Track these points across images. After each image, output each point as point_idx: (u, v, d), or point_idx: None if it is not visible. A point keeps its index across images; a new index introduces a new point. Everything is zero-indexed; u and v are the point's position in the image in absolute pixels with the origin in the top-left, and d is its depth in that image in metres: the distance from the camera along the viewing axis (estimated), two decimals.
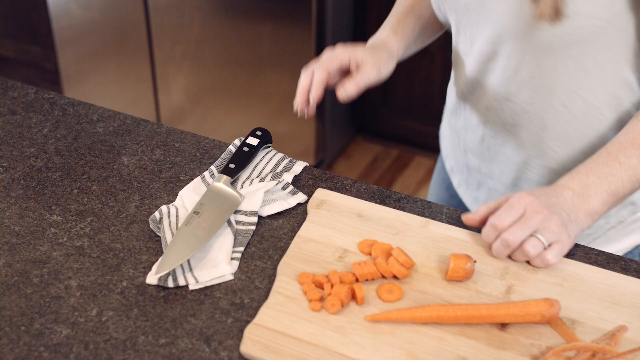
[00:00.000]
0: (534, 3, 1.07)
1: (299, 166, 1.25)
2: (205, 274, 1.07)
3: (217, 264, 1.08)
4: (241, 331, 1.00)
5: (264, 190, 1.18)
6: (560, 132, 1.20)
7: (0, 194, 1.20)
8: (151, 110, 3.05)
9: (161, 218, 1.14)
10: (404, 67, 2.75)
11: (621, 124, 1.17)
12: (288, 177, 1.22)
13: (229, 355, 0.97)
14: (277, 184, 1.20)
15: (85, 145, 1.30)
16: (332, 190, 1.22)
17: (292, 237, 1.13)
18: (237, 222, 1.14)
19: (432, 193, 1.59)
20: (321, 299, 1.02)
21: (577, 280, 1.06)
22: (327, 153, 2.98)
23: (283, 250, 1.11)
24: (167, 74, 2.94)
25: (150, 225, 1.14)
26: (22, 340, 0.99)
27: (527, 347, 0.98)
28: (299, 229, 1.14)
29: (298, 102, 1.24)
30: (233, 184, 1.21)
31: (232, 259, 1.09)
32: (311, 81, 1.24)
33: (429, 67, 2.82)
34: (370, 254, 1.10)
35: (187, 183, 1.23)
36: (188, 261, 1.08)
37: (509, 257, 1.09)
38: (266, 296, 1.05)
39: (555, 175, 1.24)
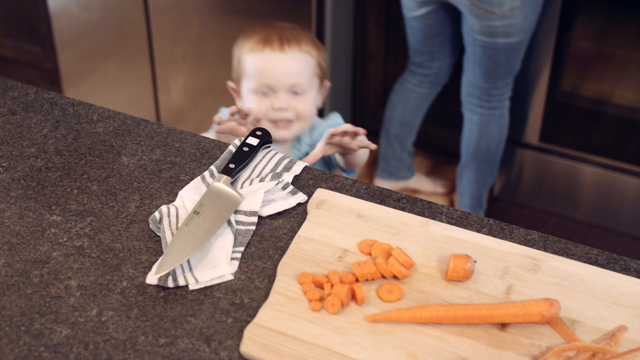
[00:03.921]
0: None
1: (299, 166, 1.25)
2: (205, 274, 1.07)
3: (217, 264, 1.08)
4: (241, 331, 1.00)
5: (264, 190, 1.18)
6: None
7: (0, 194, 1.20)
8: (151, 110, 3.05)
9: (161, 218, 1.14)
10: (403, 69, 2.75)
11: None
12: (288, 177, 1.22)
13: (229, 355, 0.97)
14: (277, 184, 1.20)
15: (85, 145, 1.30)
16: (332, 190, 1.22)
17: (292, 237, 1.13)
18: (237, 222, 1.14)
19: None
20: (321, 299, 1.02)
21: (577, 280, 1.06)
22: None
23: (283, 250, 1.11)
24: (167, 74, 2.94)
25: (150, 225, 1.14)
26: (22, 340, 0.99)
27: (527, 347, 0.98)
28: (299, 229, 1.14)
29: None
30: (233, 184, 1.21)
31: (232, 259, 1.09)
32: None
33: None
34: (370, 254, 1.10)
35: (187, 183, 1.23)
36: (188, 261, 1.08)
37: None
38: (266, 296, 1.05)
39: None
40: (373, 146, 1.55)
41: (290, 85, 1.73)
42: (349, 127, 1.55)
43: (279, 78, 1.72)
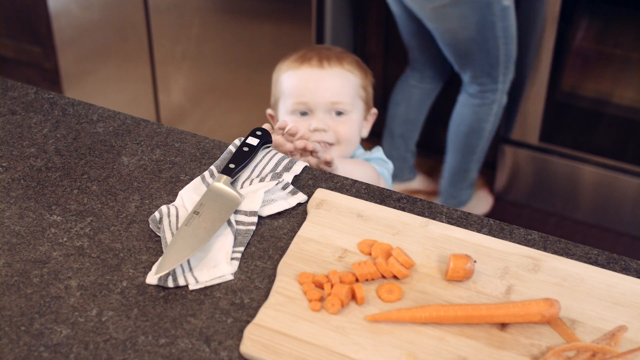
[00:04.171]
0: None
1: (299, 166, 1.25)
2: (205, 274, 1.07)
3: (217, 264, 1.08)
4: (241, 331, 1.00)
5: (264, 190, 1.18)
6: None
7: (0, 194, 1.20)
8: (151, 110, 3.05)
9: (161, 218, 1.14)
10: (403, 69, 2.75)
11: None
12: (288, 177, 1.22)
13: (229, 355, 0.97)
14: (277, 184, 1.20)
15: (85, 145, 1.30)
16: (332, 190, 1.22)
17: (292, 237, 1.13)
18: (237, 222, 1.14)
19: None
20: (321, 299, 1.02)
21: (577, 280, 1.06)
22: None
23: (283, 250, 1.11)
24: (167, 74, 2.94)
25: (150, 225, 1.14)
26: (22, 340, 0.99)
27: (527, 347, 0.98)
28: (299, 229, 1.14)
29: None
30: (233, 184, 1.21)
31: (232, 259, 1.09)
32: None
33: None
34: (370, 254, 1.10)
35: (187, 183, 1.23)
36: (188, 261, 1.08)
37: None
38: (266, 296, 1.05)
39: None
40: (328, 157, 1.39)
41: (329, 104, 1.58)
42: (299, 144, 1.39)
43: (317, 96, 1.57)
